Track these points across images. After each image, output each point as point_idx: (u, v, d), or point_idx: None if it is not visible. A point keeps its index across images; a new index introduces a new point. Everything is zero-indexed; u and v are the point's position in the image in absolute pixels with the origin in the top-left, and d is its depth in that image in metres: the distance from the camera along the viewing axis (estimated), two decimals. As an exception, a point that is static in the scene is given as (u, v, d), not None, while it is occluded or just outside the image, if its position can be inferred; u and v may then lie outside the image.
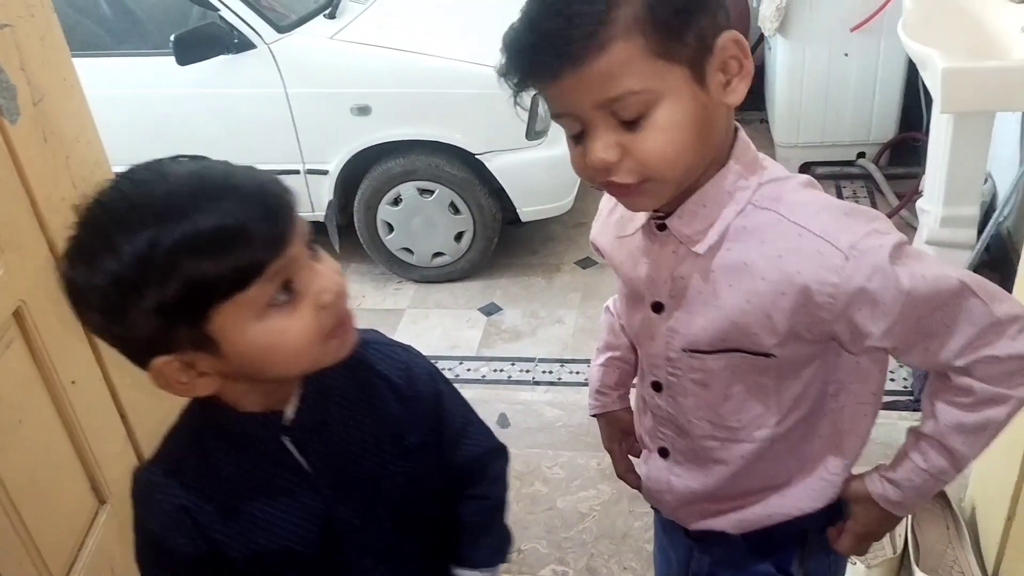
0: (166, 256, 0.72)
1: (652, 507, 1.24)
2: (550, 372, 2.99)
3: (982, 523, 1.77)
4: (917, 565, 1.74)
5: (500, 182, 3.27)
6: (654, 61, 0.80)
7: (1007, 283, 1.46)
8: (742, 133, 0.92)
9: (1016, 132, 2.76)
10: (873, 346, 0.90)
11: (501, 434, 2.35)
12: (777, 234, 0.89)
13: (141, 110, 3.28)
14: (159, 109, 3.28)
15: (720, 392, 0.99)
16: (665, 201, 0.90)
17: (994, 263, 2.81)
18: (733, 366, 0.96)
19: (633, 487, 1.26)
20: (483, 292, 3.44)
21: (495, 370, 3.07)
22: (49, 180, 1.65)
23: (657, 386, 1.05)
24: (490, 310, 3.35)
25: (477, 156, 3.21)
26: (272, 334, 0.77)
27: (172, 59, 3.03)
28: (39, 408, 1.57)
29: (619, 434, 1.31)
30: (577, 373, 2.97)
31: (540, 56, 0.81)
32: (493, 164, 3.22)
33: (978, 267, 2.64)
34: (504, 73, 0.85)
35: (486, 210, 3.34)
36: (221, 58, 3.11)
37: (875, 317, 0.87)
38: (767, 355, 0.93)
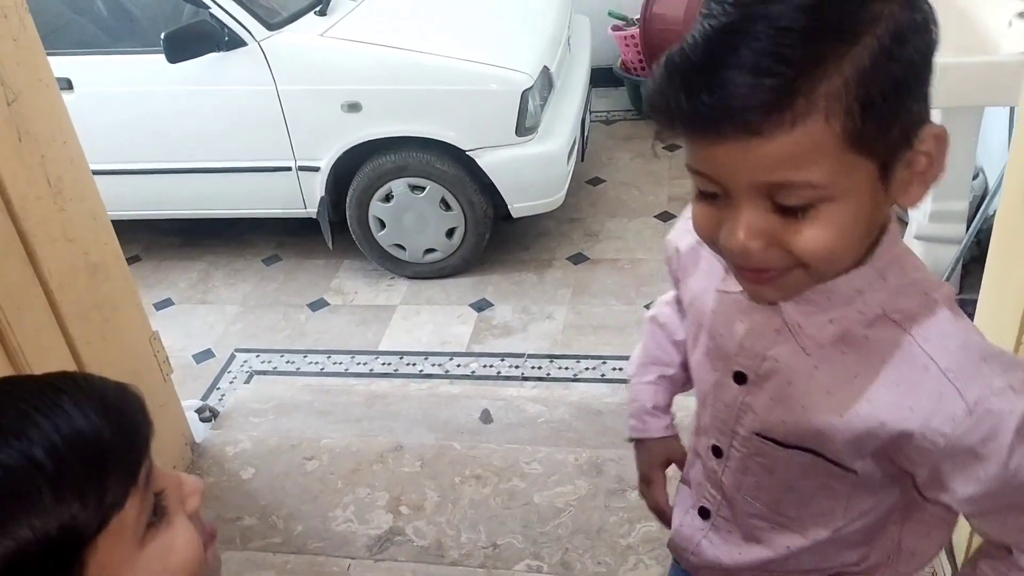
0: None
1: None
2: (539, 368, 3.00)
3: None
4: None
5: (491, 178, 3.27)
6: (846, 153, 0.64)
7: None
8: (893, 225, 0.76)
9: (1006, 126, 2.74)
10: (943, 502, 0.80)
11: (483, 431, 2.38)
12: (902, 359, 0.76)
13: (133, 108, 3.30)
14: (151, 107, 3.29)
15: (785, 481, 0.88)
16: (802, 290, 0.76)
17: (984, 257, 2.79)
18: (806, 464, 0.85)
19: (665, 525, 1.14)
20: (474, 288, 3.44)
21: (484, 366, 3.07)
22: (24, 179, 1.67)
23: (717, 451, 0.94)
24: (481, 306, 3.36)
25: (467, 152, 3.21)
26: (159, 559, 0.60)
27: (162, 57, 3.05)
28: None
29: (665, 462, 1.17)
30: (566, 369, 2.97)
31: (708, 108, 0.63)
32: (483, 160, 3.22)
33: (968, 261, 2.63)
34: (652, 104, 0.68)
35: (477, 206, 3.34)
36: (212, 56, 3.12)
37: (967, 481, 0.76)
38: (847, 468, 0.83)
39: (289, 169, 3.34)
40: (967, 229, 2.56)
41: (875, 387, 0.77)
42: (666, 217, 3.71)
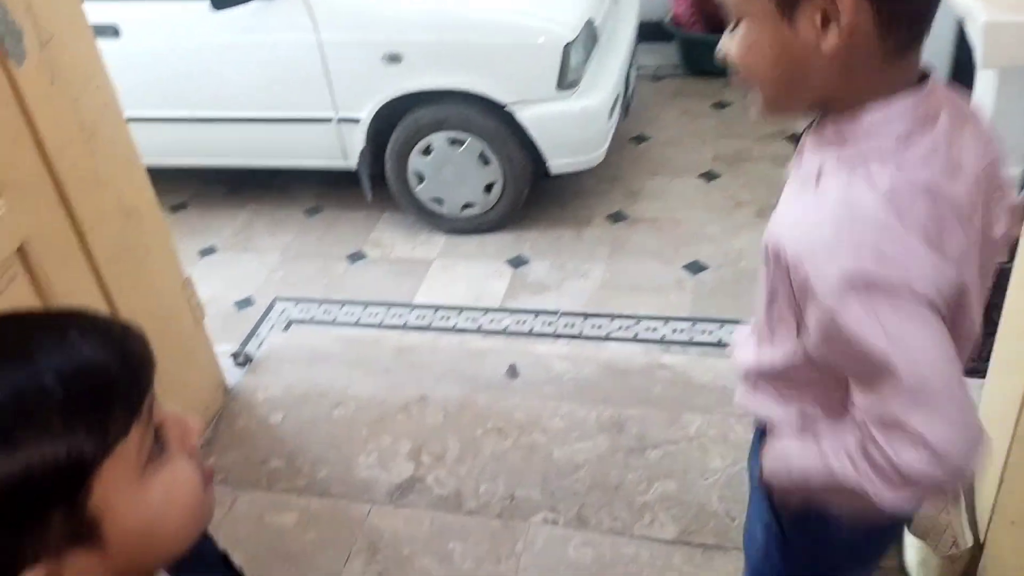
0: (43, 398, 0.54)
1: None
2: (572, 326, 2.99)
3: (979, 489, 1.73)
4: (908, 528, 1.71)
5: (530, 133, 3.24)
6: None
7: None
8: (900, 106, 0.85)
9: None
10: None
11: (508, 386, 2.39)
12: (812, 188, 0.88)
13: (178, 56, 3.34)
14: (196, 55, 3.32)
15: (764, 294, 1.00)
16: (765, 110, 0.93)
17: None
18: (771, 277, 0.95)
19: None
20: (511, 244, 3.44)
21: (518, 322, 3.08)
22: (56, 122, 1.70)
23: None
24: (517, 262, 3.35)
25: (507, 107, 3.18)
26: (160, 492, 0.60)
27: (207, 5, 3.06)
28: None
29: None
30: (599, 327, 2.96)
31: None
32: (523, 115, 3.19)
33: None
34: None
35: (516, 162, 3.32)
36: (256, 3, 3.13)
37: (810, 323, 0.88)
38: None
39: (330, 121, 3.35)
40: (1018, 192, 2.46)
41: (793, 207, 0.91)
42: (710, 177, 3.64)
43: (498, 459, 2.06)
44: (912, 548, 1.68)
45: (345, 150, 3.42)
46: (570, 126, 3.23)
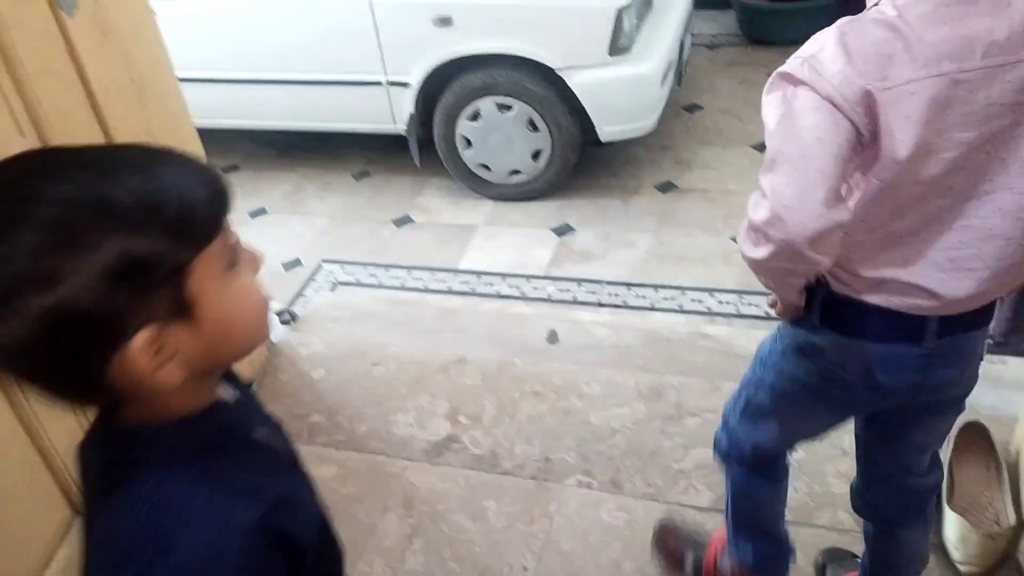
0: (161, 191, 0.66)
1: None
2: (616, 295, 2.97)
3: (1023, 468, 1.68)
4: (948, 504, 1.67)
5: (580, 100, 3.21)
6: None
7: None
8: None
9: None
10: None
11: (547, 350, 2.39)
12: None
13: (233, 17, 3.37)
14: (250, 16, 3.35)
15: None
16: None
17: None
18: None
19: None
20: (557, 212, 3.42)
21: (561, 290, 3.07)
22: (107, 74, 1.73)
23: None
24: (563, 230, 3.33)
25: (557, 72, 3.16)
26: (238, 293, 0.73)
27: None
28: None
29: None
30: (643, 298, 2.93)
31: None
32: (574, 80, 3.16)
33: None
34: None
35: (565, 129, 3.29)
36: (308, -34, 3.15)
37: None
38: None
39: (379, 84, 3.36)
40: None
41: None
42: (764, 148, 3.57)
43: (534, 422, 2.07)
44: (952, 524, 1.64)
45: (394, 114, 3.43)
46: (621, 93, 3.19)
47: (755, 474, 1.47)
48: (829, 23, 1.05)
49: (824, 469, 1.88)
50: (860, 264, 1.13)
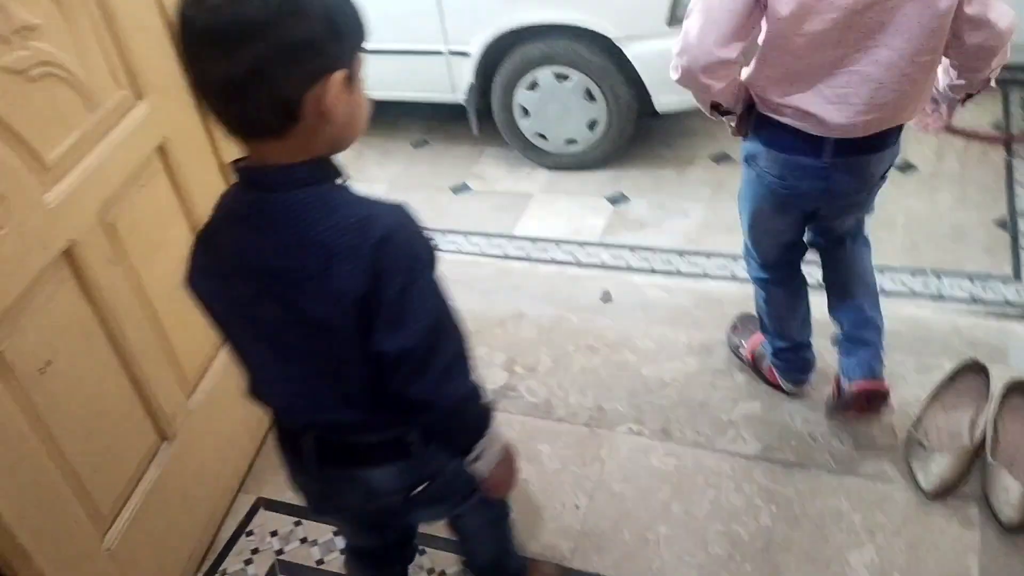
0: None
1: None
2: (669, 263, 3.01)
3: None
4: (993, 457, 1.71)
5: (638, 70, 3.25)
6: None
7: None
8: None
9: None
10: None
11: (601, 308, 2.46)
12: None
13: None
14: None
15: None
16: None
17: None
18: None
19: None
20: (612, 181, 3.48)
21: (615, 256, 3.13)
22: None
23: None
24: (617, 199, 3.39)
25: (615, 41, 3.20)
26: (359, 96, 1.01)
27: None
28: (180, 236, 1.78)
29: None
30: (696, 265, 2.98)
31: None
32: (631, 50, 3.20)
33: None
34: None
35: (621, 99, 3.34)
36: (374, -62, 3.23)
37: None
38: None
39: (440, 53, 3.44)
40: None
41: None
42: (818, 122, 3.58)
43: (588, 373, 2.14)
44: (996, 477, 1.68)
45: (454, 83, 3.51)
46: (677, 63, 3.22)
47: (772, 283, 1.93)
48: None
49: (869, 422, 1.93)
50: (771, 92, 1.55)
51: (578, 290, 2.55)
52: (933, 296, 2.82)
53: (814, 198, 1.69)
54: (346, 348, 1.00)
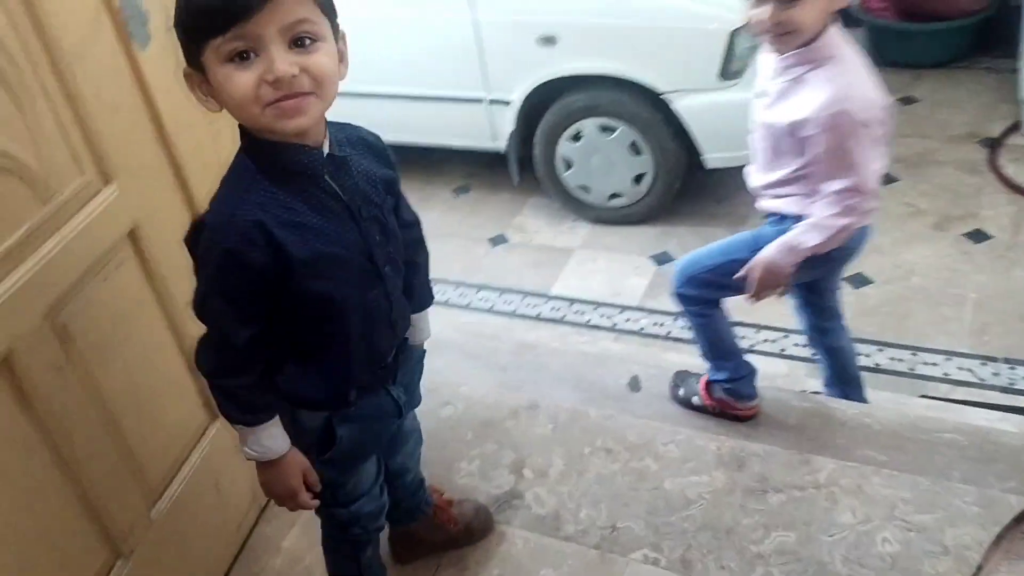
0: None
1: None
2: (713, 334, 2.78)
3: None
4: None
5: (686, 124, 3.03)
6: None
7: None
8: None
9: None
10: None
11: (627, 399, 2.24)
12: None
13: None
14: (355, 30, 3.32)
15: (770, 150, 1.92)
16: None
17: None
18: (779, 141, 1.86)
19: None
20: (657, 239, 3.25)
21: (655, 324, 2.91)
22: (179, 105, 1.69)
23: None
24: (662, 259, 3.17)
25: (663, 95, 2.99)
26: (222, 78, 1.04)
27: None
28: (151, 326, 1.65)
29: None
30: (743, 338, 2.74)
31: None
32: (680, 104, 2.99)
33: None
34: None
35: (669, 153, 3.13)
36: (412, -20, 3.10)
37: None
38: None
39: (481, 101, 3.28)
40: None
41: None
42: (887, 180, 3.29)
43: (603, 482, 1.93)
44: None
45: (495, 131, 3.35)
46: (730, 118, 2.98)
47: (715, 305, 2.07)
48: (963, 46, 0.91)
49: (921, 567, 1.66)
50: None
51: (605, 373, 2.33)
52: (1004, 388, 2.52)
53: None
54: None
